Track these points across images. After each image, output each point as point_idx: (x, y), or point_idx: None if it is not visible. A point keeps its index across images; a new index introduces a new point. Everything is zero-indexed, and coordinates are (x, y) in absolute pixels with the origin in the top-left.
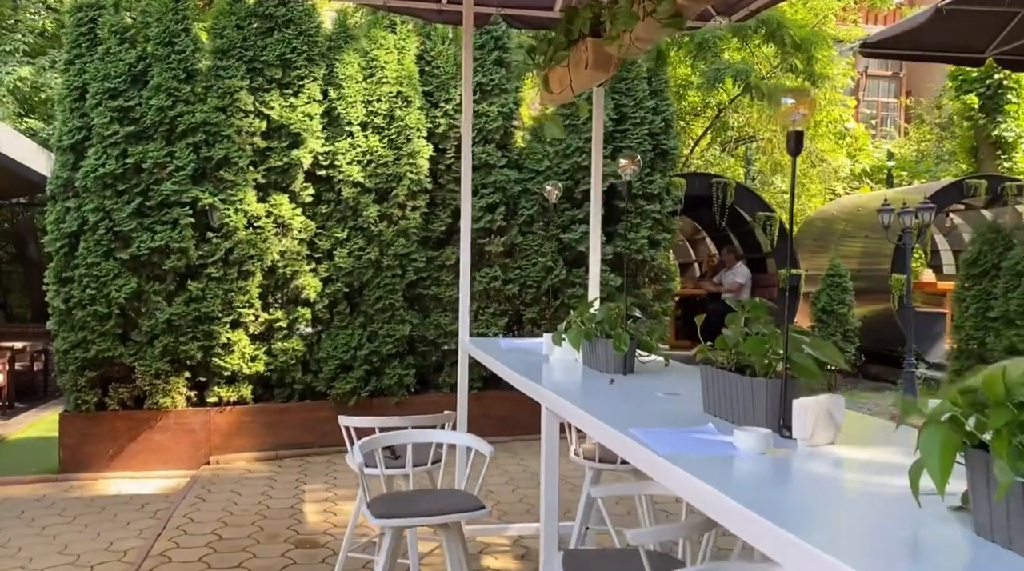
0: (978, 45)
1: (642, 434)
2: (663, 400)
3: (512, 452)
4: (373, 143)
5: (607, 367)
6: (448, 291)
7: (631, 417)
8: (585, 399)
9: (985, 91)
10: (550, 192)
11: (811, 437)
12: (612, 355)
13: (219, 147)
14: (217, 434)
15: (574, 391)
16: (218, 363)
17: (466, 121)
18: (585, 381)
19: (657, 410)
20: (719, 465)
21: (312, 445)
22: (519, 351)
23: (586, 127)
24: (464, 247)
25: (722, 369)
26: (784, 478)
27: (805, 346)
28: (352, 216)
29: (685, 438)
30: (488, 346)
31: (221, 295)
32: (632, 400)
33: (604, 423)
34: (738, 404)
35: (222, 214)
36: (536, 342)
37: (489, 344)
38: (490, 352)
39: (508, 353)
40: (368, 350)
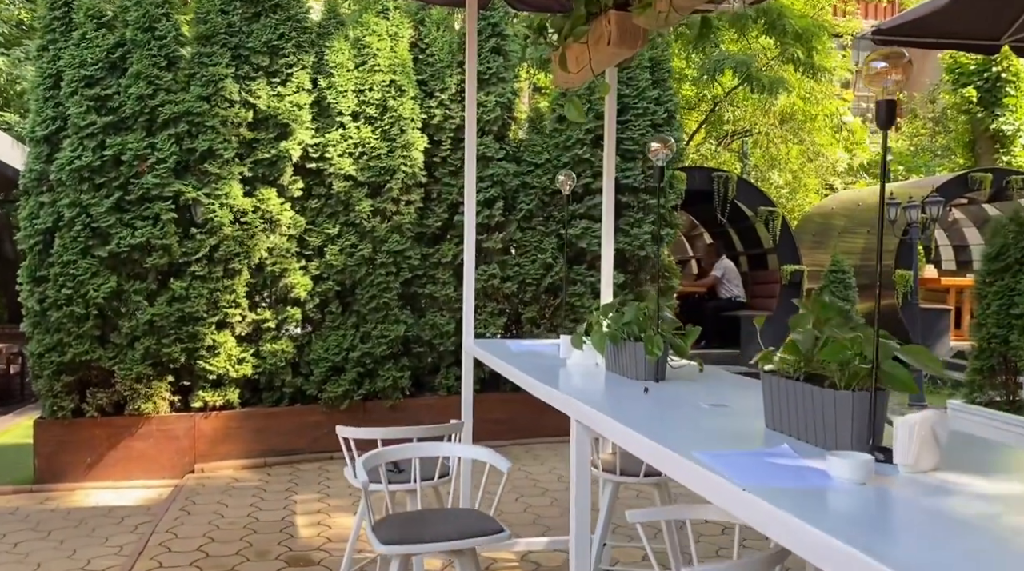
0: (994, 32)
1: (711, 459)
2: (712, 413)
3: (513, 457)
4: (365, 134)
5: (636, 373)
6: (444, 290)
7: (686, 436)
8: (622, 412)
9: (983, 84)
10: (563, 182)
11: (916, 462)
12: (642, 360)
13: (203, 138)
14: (202, 441)
15: (606, 402)
16: (203, 366)
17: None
18: (615, 390)
19: (712, 427)
20: (815, 499)
21: (303, 451)
22: (531, 355)
23: (587, 117)
24: (468, 244)
25: (790, 379)
26: (902, 516)
27: (897, 352)
28: (344, 211)
29: (761, 463)
30: (496, 349)
31: (206, 294)
32: (676, 413)
33: (662, 445)
34: (813, 421)
35: (206, 209)
36: (548, 344)
37: (495, 346)
38: (500, 355)
39: (520, 357)
40: (361, 352)
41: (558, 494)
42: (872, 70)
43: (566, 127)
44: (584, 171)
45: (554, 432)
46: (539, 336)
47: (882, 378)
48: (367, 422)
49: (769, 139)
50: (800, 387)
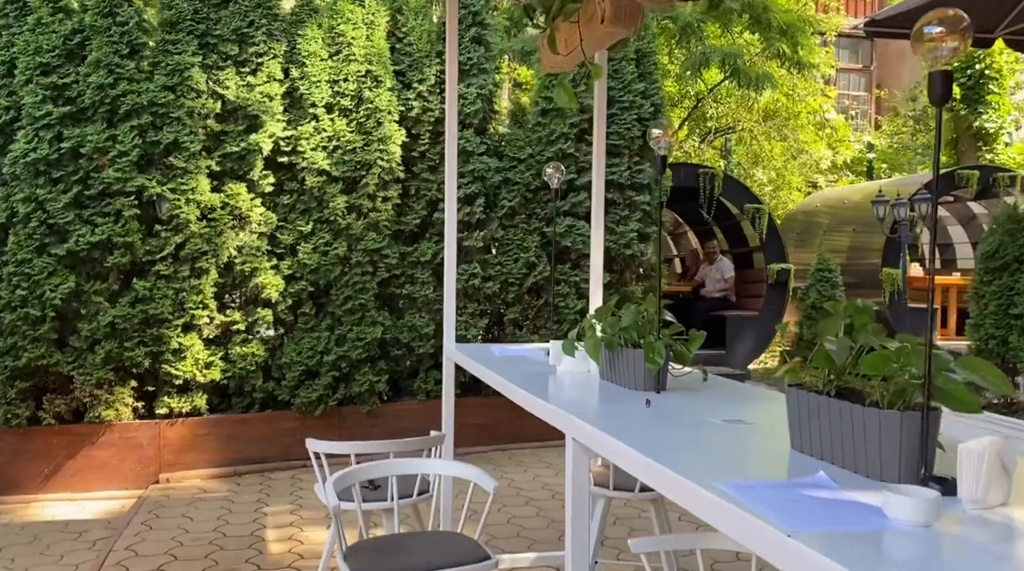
0: (988, 25)
1: (738, 491)
2: (728, 431)
3: (494, 464)
4: (340, 127)
5: (634, 383)
6: (423, 290)
7: (702, 460)
8: (626, 430)
9: (966, 82)
10: (551, 175)
11: (984, 497)
12: (642, 369)
13: (168, 130)
14: (168, 449)
15: (605, 417)
16: (168, 370)
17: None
18: (613, 402)
19: (731, 449)
20: (873, 547)
21: (274, 459)
22: (518, 361)
23: (571, 112)
24: (449, 242)
25: (820, 394)
26: (985, 569)
27: (953, 365)
28: (317, 207)
29: (798, 497)
30: (479, 354)
31: (171, 295)
32: (687, 432)
33: (679, 475)
34: (852, 444)
35: (172, 205)
36: (534, 349)
37: (479, 352)
38: (483, 362)
39: (506, 364)
40: (336, 355)
41: (543, 504)
42: (926, 36)
43: (550, 121)
44: (568, 167)
45: (536, 437)
46: (522, 338)
47: (935, 395)
48: (342, 428)
49: (752, 136)
50: (834, 405)
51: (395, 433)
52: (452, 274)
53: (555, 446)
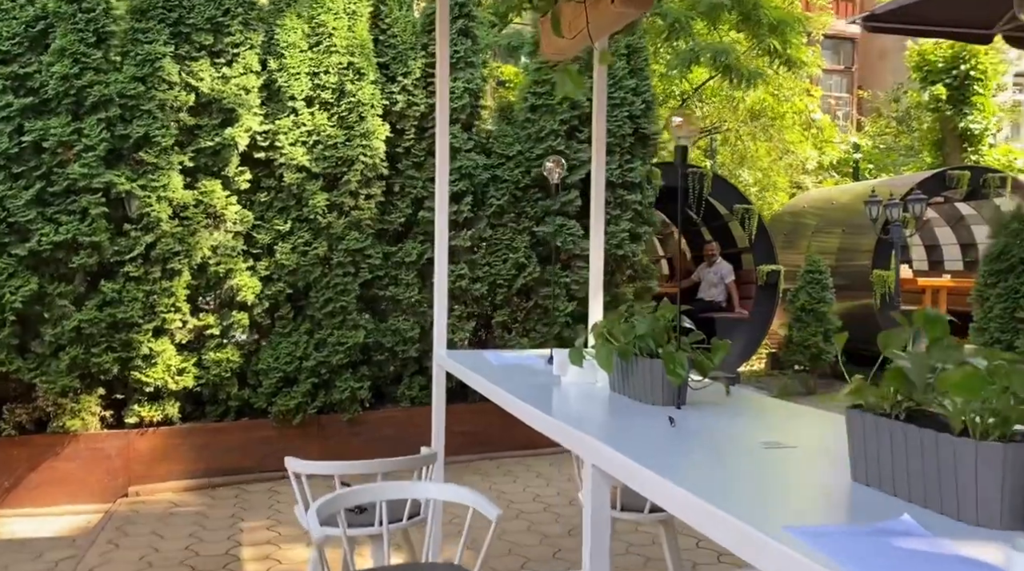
0: (987, 22)
1: (814, 541)
2: (772, 458)
3: (483, 474)
4: (320, 121)
5: (651, 397)
6: (408, 292)
7: (756, 496)
8: (652, 455)
9: (952, 82)
10: (551, 169)
11: None
12: (660, 382)
13: (137, 124)
14: (137, 460)
15: (626, 440)
16: (138, 377)
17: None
18: (631, 421)
19: (782, 480)
20: None
21: (251, 470)
22: (517, 370)
23: (561, 108)
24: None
25: (887, 417)
26: None
27: None
28: (296, 206)
29: (888, 548)
30: (473, 362)
31: (141, 298)
32: (724, 458)
33: (739, 520)
34: (937, 479)
35: (142, 203)
36: (532, 356)
37: (472, 359)
38: (479, 370)
39: (504, 373)
40: (315, 360)
41: (534, 517)
42: None
43: (539, 117)
44: None
45: (525, 444)
46: (511, 341)
47: None
48: (322, 438)
49: (738, 136)
50: (911, 432)
51: (378, 442)
52: (443, 275)
53: (545, 454)
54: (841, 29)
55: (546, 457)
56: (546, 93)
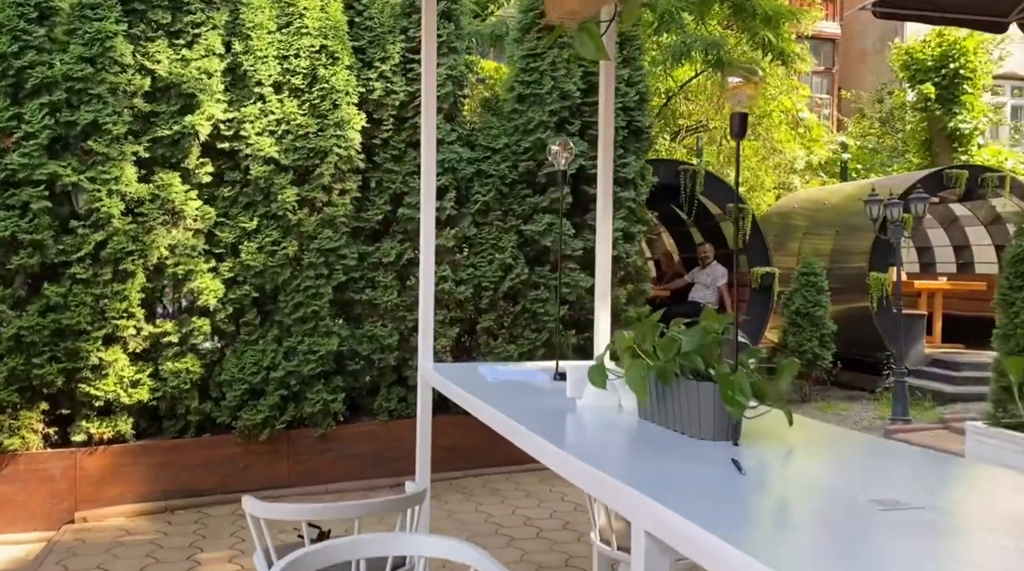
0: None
1: None
2: (900, 525)
3: (466, 493)
4: (290, 109)
5: (697, 428)
6: (386, 295)
7: None
8: (729, 519)
9: (941, 81)
10: (557, 154)
11: None
12: (712, 410)
13: (86, 110)
14: (85, 482)
15: (682, 492)
16: (87, 390)
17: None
18: (680, 463)
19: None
20: None
21: (213, 491)
22: (519, 389)
23: (551, 98)
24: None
25: None
26: None
27: None
28: (263, 201)
29: None
30: (464, 377)
31: (90, 302)
32: (836, 529)
33: None
34: None
35: (90, 197)
36: (532, 371)
37: (464, 374)
38: (473, 389)
39: (503, 391)
40: (284, 370)
41: (527, 545)
42: None
43: (527, 108)
44: (547, 159)
45: (511, 460)
46: (497, 349)
47: None
48: (291, 455)
49: (724, 135)
50: None
51: (353, 459)
52: (429, 277)
53: (532, 470)
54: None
55: (534, 473)
56: (534, 82)
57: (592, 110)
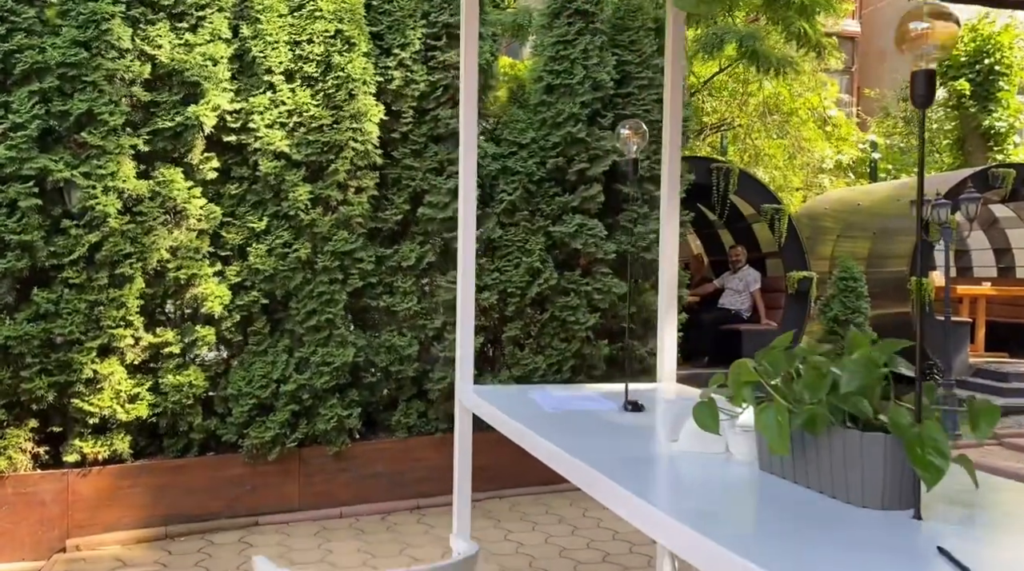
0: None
1: None
2: None
3: (493, 518)
4: (302, 99)
5: (858, 494)
6: (405, 302)
7: None
8: None
9: (975, 77)
10: (627, 138)
11: None
12: (881, 470)
13: (80, 98)
14: (79, 507)
15: None
16: (80, 406)
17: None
18: (847, 550)
19: None
20: None
21: (218, 516)
22: (584, 421)
23: (582, 89)
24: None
25: None
26: None
27: None
28: (273, 199)
29: None
30: (510, 402)
31: (84, 309)
32: None
33: None
34: None
35: (84, 194)
36: (594, 396)
37: (510, 397)
38: (527, 421)
39: (566, 425)
40: (296, 383)
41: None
42: None
43: (556, 99)
44: (578, 154)
45: (539, 480)
46: (524, 360)
47: None
48: (303, 475)
49: (747, 133)
50: None
51: (369, 481)
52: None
53: (560, 491)
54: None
55: (564, 495)
56: (564, 71)
57: (626, 102)
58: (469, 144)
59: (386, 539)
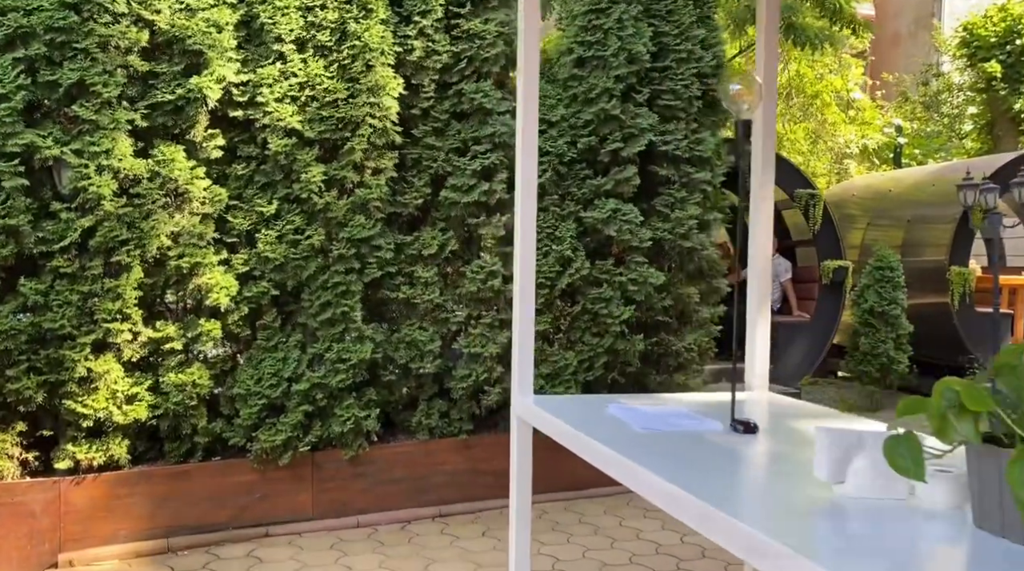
0: None
1: None
2: None
3: None
4: (315, 71)
5: None
6: (427, 293)
7: None
8: None
9: (1006, 59)
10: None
11: None
12: None
13: (70, 67)
14: (72, 518)
15: None
16: (73, 407)
17: None
18: None
19: None
20: None
21: (225, 526)
22: (691, 447)
23: (616, 61)
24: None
25: None
26: None
27: None
28: (284, 181)
29: None
30: (582, 417)
31: (76, 301)
32: None
33: None
34: None
35: (76, 174)
36: (687, 414)
37: (580, 410)
38: (614, 444)
39: (667, 451)
40: (309, 382)
41: None
42: None
43: (588, 73)
44: (611, 133)
45: (568, 485)
46: (552, 357)
47: None
48: (317, 481)
49: None
50: None
51: (388, 486)
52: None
53: (592, 497)
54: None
55: (596, 501)
56: (597, 43)
57: (663, 76)
58: (529, 118)
59: (407, 552)
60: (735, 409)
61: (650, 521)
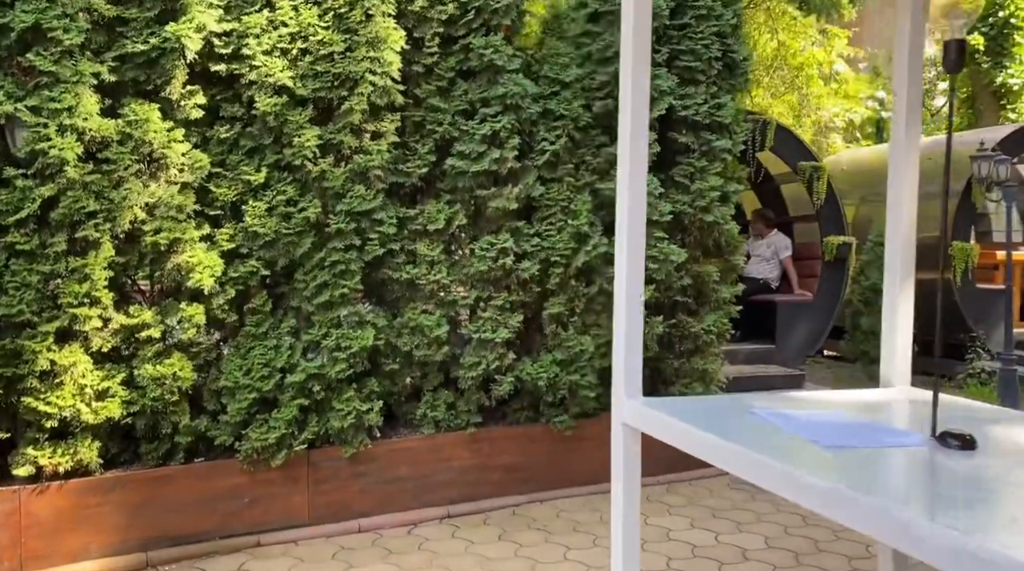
0: None
1: None
2: None
3: (539, 527)
4: (308, 20)
5: None
6: (432, 273)
7: None
8: None
9: (988, 31)
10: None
11: None
12: None
13: (23, 9)
14: (35, 531)
15: None
16: (34, 405)
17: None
18: None
19: None
20: None
21: (210, 536)
22: (904, 468)
23: None
24: (633, 207)
25: None
26: None
27: None
28: (274, 145)
29: None
30: (716, 425)
31: (36, 283)
32: None
33: None
34: None
35: (33, 135)
36: (868, 424)
37: (709, 416)
38: (791, 460)
39: (867, 473)
40: (305, 373)
41: None
42: None
43: (603, 30)
44: None
45: (583, 479)
46: (568, 341)
47: None
48: (313, 482)
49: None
50: None
51: (390, 486)
52: (639, 271)
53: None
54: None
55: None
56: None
57: (681, 35)
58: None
59: (420, 562)
60: (936, 418)
61: (676, 518)
